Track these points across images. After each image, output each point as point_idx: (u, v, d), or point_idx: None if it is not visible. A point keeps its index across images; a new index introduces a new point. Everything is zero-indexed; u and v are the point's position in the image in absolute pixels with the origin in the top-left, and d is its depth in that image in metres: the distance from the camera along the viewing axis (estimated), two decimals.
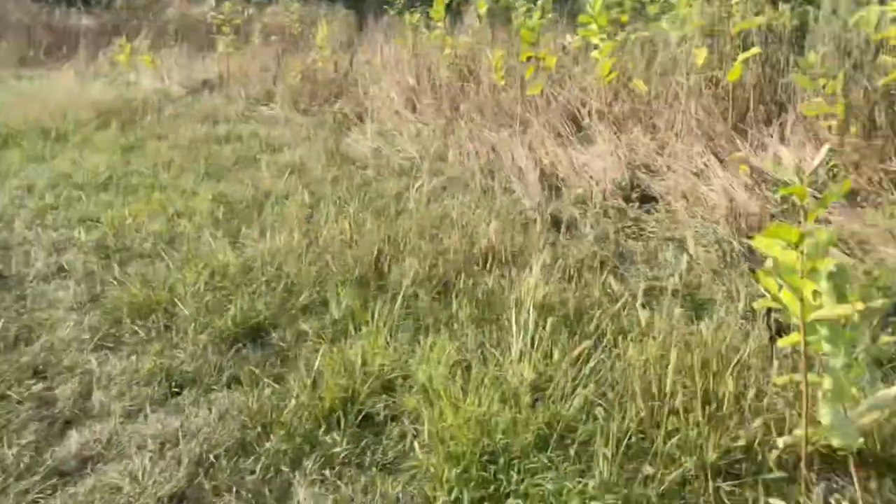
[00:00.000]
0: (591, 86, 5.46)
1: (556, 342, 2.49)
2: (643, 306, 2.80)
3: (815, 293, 1.95)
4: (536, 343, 2.48)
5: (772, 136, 4.58)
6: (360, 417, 2.24)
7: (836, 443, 1.88)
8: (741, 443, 1.99)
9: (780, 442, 1.98)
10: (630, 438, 2.05)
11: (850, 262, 3.15)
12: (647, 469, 1.93)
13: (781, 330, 2.52)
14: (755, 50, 4.55)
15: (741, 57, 4.54)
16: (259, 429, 2.20)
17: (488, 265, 3.22)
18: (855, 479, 1.86)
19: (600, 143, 4.93)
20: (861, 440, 1.93)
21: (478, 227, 3.64)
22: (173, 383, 2.45)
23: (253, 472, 2.04)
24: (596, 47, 5.22)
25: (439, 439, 2.06)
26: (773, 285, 1.94)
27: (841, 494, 1.86)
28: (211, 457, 2.09)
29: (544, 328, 2.55)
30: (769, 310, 2.65)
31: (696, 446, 1.98)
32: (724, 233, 3.64)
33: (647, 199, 4.33)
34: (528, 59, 5.56)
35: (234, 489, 1.98)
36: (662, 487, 1.88)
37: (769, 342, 2.47)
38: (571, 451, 2.00)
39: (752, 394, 2.16)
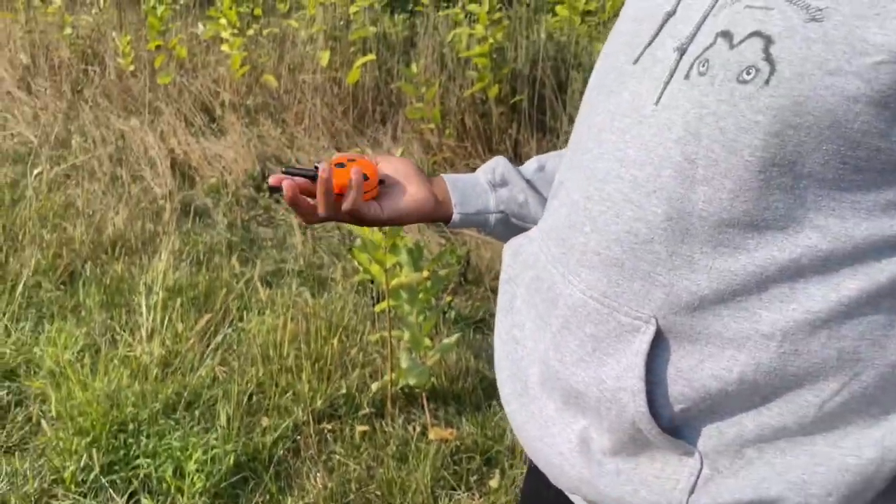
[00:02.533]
0: (223, 78, 5.64)
1: (185, 321, 2.70)
2: (268, 285, 3.12)
3: (398, 265, 2.44)
4: (166, 323, 2.67)
5: (386, 135, 5.22)
6: None
7: (412, 382, 2.39)
8: (343, 391, 2.41)
9: (373, 386, 2.44)
10: (251, 398, 2.36)
11: (437, 239, 3.82)
12: (265, 420, 2.25)
13: (381, 298, 3.02)
14: (370, 56, 5.13)
15: (358, 62, 5.09)
16: None
17: (117, 253, 3.28)
18: (426, 410, 2.38)
19: (232, 135, 5.15)
20: (432, 379, 2.47)
21: (106, 215, 3.66)
22: None
23: None
24: (226, 41, 5.41)
25: (69, 416, 2.16)
26: (364, 259, 2.39)
27: (416, 422, 2.37)
28: None
29: (174, 309, 2.74)
30: (372, 281, 3.14)
31: (306, 397, 2.36)
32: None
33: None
34: (158, 47, 5.55)
35: None
36: (277, 434, 2.22)
37: (372, 308, 2.95)
38: (197, 413, 2.24)
39: (354, 351, 2.60)
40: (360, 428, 2.20)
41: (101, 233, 3.44)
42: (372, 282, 2.98)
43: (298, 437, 2.24)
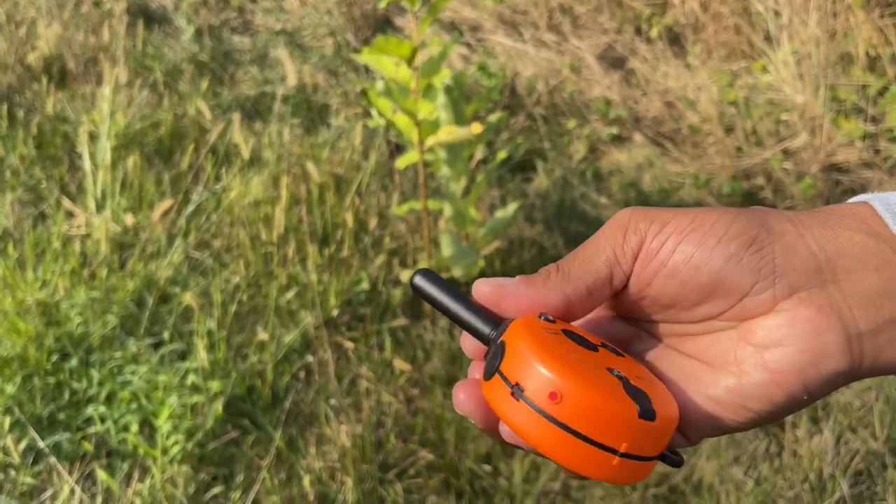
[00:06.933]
0: None
1: (144, 184, 2.02)
2: (248, 117, 2.41)
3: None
4: (119, 187, 1.99)
5: None
6: None
7: (457, 273, 1.77)
8: (364, 286, 1.79)
9: (404, 276, 1.82)
10: (241, 297, 1.74)
11: (463, 58, 3.04)
12: (261, 333, 1.65)
13: (399, 145, 2.32)
14: None
15: None
16: None
17: (50, 82, 2.52)
18: None
19: None
20: (482, 263, 1.85)
21: (35, 28, 2.83)
22: None
23: None
24: None
25: None
26: (386, 107, 1.67)
27: None
28: None
29: (129, 167, 2.05)
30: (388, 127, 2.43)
31: (316, 296, 1.74)
32: (338, 24, 3.29)
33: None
34: None
35: None
36: (279, 353, 1.63)
37: (389, 158, 2.26)
38: (167, 332, 1.63)
39: (374, 224, 1.95)
40: (399, 364, 1.59)
41: (29, 51, 2.65)
42: (388, 127, 2.27)
43: (311, 358, 1.65)
